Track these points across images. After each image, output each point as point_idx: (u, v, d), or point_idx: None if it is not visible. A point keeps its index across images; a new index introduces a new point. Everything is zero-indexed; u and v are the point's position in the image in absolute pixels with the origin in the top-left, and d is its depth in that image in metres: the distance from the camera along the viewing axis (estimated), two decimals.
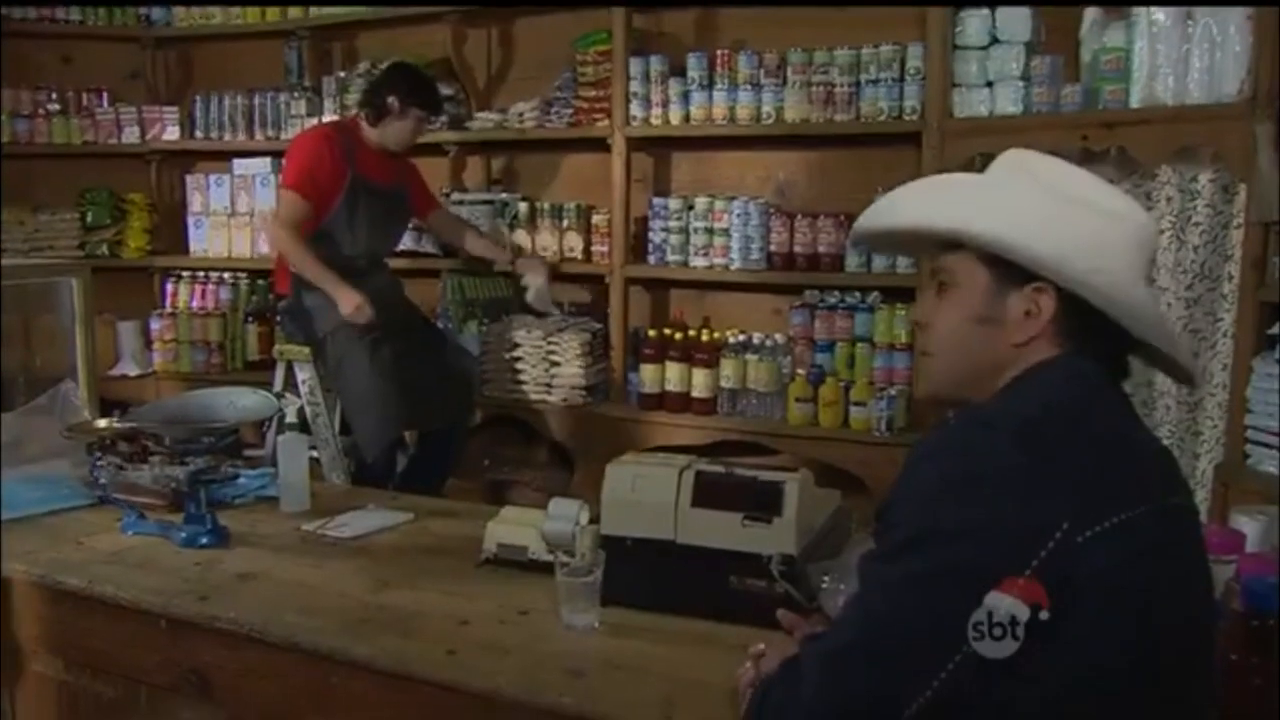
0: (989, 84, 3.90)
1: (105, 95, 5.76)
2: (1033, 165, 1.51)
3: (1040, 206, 1.42)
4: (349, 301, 4.04)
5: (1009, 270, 1.41)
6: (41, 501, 2.71)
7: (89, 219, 5.69)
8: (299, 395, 4.24)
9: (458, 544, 2.47)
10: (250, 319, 5.48)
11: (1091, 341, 1.42)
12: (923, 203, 1.52)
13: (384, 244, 4.41)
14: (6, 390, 3.32)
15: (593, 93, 4.65)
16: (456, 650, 1.91)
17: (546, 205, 4.82)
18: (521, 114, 4.84)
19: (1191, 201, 3.48)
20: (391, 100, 4.25)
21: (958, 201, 1.49)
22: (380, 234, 4.34)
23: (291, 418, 3.27)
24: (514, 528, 2.34)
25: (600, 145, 4.62)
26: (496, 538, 2.33)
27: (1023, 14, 3.82)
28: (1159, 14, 3.49)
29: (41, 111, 5.63)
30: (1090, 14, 3.74)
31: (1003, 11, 3.84)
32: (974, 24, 3.89)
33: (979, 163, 3.83)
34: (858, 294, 4.31)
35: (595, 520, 2.16)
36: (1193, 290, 3.48)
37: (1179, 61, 3.47)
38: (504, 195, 4.97)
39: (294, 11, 5.40)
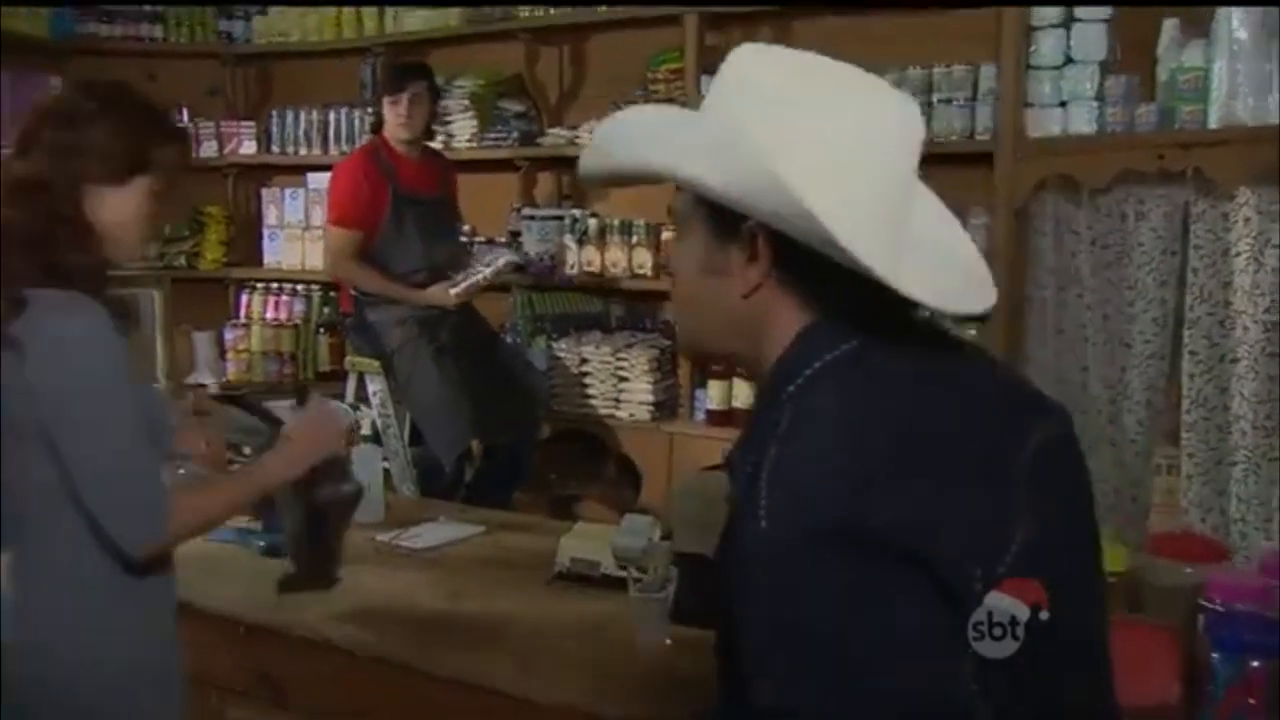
0: (1063, 104, 3.86)
1: (185, 110, 5.86)
2: (740, 69, 1.25)
3: (722, 124, 1.19)
4: (437, 298, 4.20)
5: (721, 211, 1.18)
6: None
7: (167, 230, 5.80)
8: (370, 406, 4.30)
9: (529, 558, 2.50)
10: (322, 330, 5.57)
11: (832, 290, 1.18)
12: (616, 139, 1.28)
13: (441, 255, 4.39)
14: None
15: None
16: (530, 663, 1.94)
17: (616, 221, 4.84)
18: (593, 131, 4.84)
19: (1271, 224, 3.43)
20: (376, 109, 4.40)
21: (642, 133, 1.26)
22: (435, 245, 4.35)
23: (365, 429, 3.32)
24: (587, 543, 2.36)
25: None
26: (569, 553, 2.35)
27: (1098, 33, 3.78)
28: (1240, 32, 3.44)
29: None
30: (1167, 32, 3.70)
31: (1077, 30, 3.80)
32: (1048, 43, 3.86)
33: (1051, 183, 3.82)
34: (926, 312, 4.27)
35: (667, 537, 2.18)
36: (1270, 313, 3.43)
37: (1260, 81, 3.42)
38: (574, 211, 5.00)
39: (370, 28, 5.48)
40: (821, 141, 1.15)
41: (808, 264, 1.15)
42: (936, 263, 1.24)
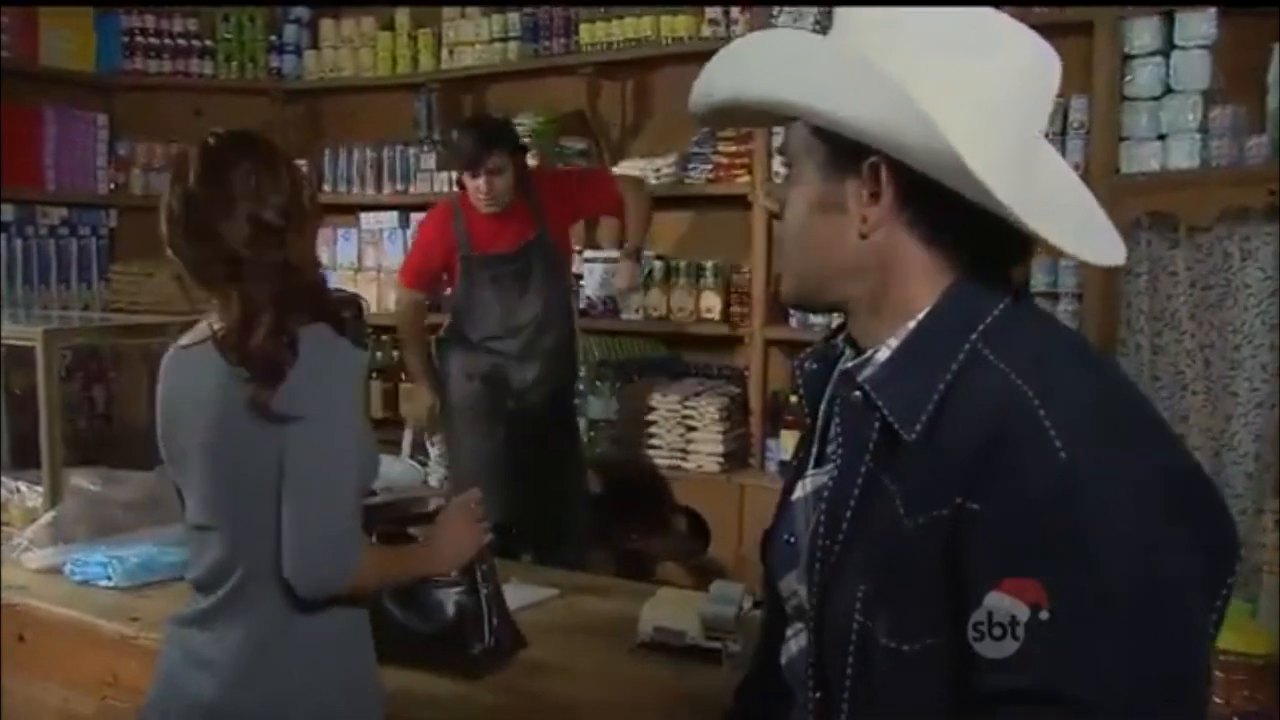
0: (1161, 137, 3.65)
1: None
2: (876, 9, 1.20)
3: (855, 53, 1.14)
4: (414, 401, 4.21)
5: (841, 143, 1.15)
6: (179, 566, 2.59)
7: None
8: (427, 458, 4.15)
9: (608, 624, 2.35)
10: (374, 376, 5.40)
11: (966, 233, 1.14)
12: (736, 68, 1.27)
13: (523, 316, 4.00)
14: (141, 449, 3.25)
15: (733, 148, 4.50)
16: None
17: (683, 264, 4.68)
18: (659, 170, 4.71)
19: None
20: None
21: (769, 62, 1.22)
22: (515, 308, 4.00)
23: (432, 481, 3.17)
24: (670, 610, 2.20)
25: (740, 202, 4.46)
26: (652, 621, 2.19)
27: (1200, 60, 3.57)
28: None
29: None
30: (1277, 59, 3.50)
31: (1177, 58, 3.60)
32: (1145, 73, 3.65)
33: (1146, 222, 3.61)
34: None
35: (758, 605, 2.00)
36: None
37: None
38: None
39: (425, 64, 5.36)
40: (973, 82, 1.12)
41: (935, 205, 1.12)
42: (1067, 211, 1.19)
